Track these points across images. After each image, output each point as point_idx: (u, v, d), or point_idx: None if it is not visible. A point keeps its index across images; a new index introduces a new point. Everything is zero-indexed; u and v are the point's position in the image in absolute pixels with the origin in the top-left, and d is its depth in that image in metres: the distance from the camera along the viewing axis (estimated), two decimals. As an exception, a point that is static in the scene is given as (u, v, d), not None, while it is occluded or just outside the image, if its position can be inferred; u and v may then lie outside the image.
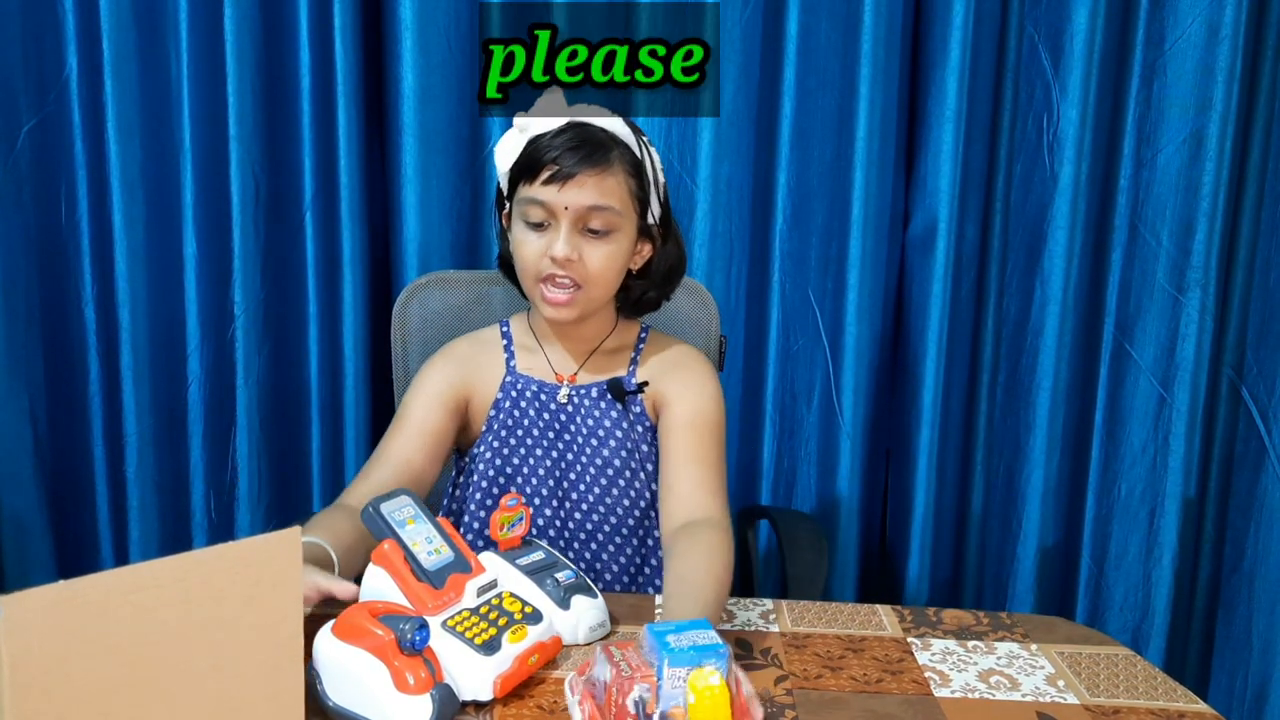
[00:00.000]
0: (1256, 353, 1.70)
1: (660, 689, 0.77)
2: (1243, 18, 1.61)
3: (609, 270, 1.19)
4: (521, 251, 1.18)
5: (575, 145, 1.14)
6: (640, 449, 1.26)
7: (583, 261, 1.16)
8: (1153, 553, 1.79)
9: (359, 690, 0.84)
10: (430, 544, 0.97)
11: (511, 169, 1.19)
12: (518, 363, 1.28)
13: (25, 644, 0.55)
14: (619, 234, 1.18)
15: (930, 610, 1.13)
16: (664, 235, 1.26)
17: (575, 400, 1.26)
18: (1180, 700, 0.95)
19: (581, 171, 1.14)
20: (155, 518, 1.84)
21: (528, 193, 1.16)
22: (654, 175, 1.22)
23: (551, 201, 1.14)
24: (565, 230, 1.15)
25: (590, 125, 1.17)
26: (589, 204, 1.15)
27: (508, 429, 1.26)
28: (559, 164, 1.13)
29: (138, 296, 1.77)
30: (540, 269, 1.17)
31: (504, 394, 1.27)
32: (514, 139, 1.19)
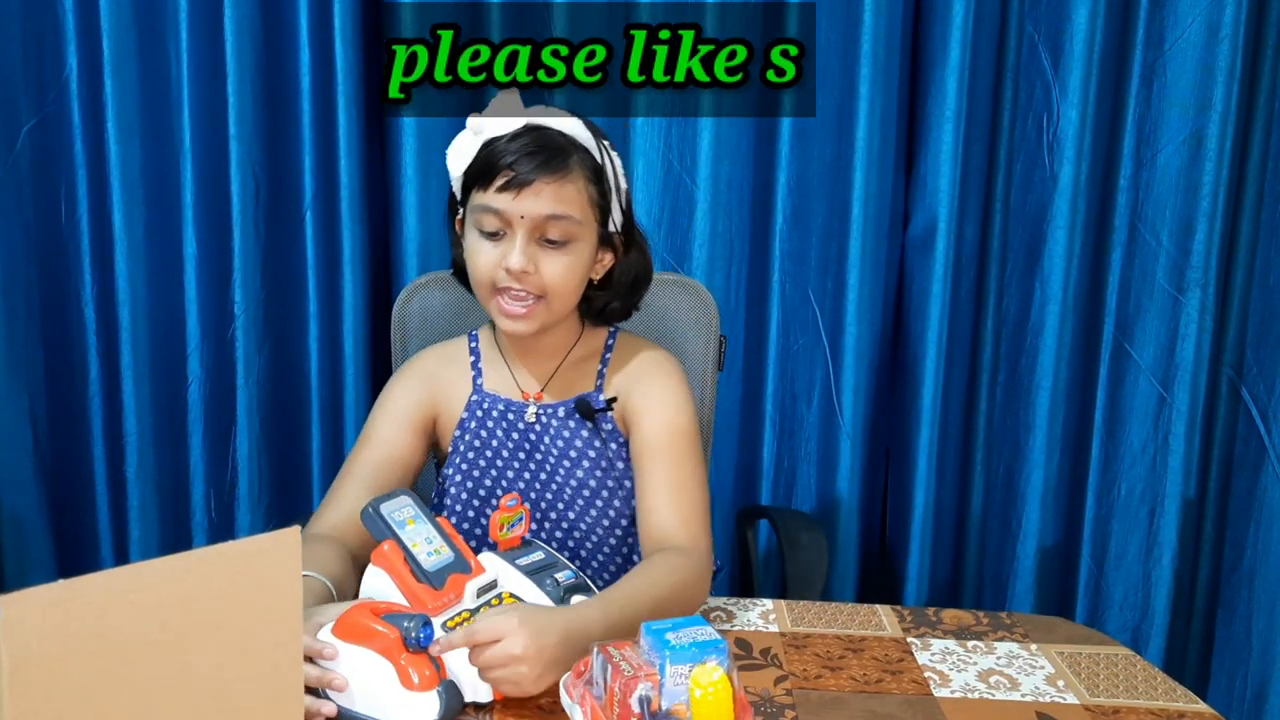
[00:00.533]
0: (1256, 352, 1.70)
1: (663, 686, 0.78)
2: (1242, 17, 1.61)
3: (568, 282, 1.13)
4: (475, 261, 1.12)
5: (532, 150, 1.08)
6: (616, 466, 1.21)
7: (539, 273, 1.10)
8: (1152, 553, 1.79)
9: (364, 689, 0.84)
10: (430, 544, 0.97)
11: (465, 173, 1.13)
12: (485, 380, 1.24)
13: (25, 644, 0.55)
14: (578, 243, 1.12)
15: (930, 610, 1.13)
16: (626, 243, 1.20)
17: (544, 419, 1.21)
18: (1180, 700, 0.95)
19: (538, 178, 1.08)
20: (155, 517, 1.84)
21: (481, 199, 1.10)
22: (615, 181, 1.16)
23: (506, 210, 1.09)
24: (521, 240, 1.09)
25: (548, 129, 1.11)
26: (546, 213, 1.09)
27: (475, 450, 1.22)
28: (515, 170, 1.07)
29: (138, 296, 1.77)
30: (495, 280, 1.11)
31: (469, 414, 1.22)
32: (467, 141, 1.13)
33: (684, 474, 1.16)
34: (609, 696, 0.80)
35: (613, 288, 1.21)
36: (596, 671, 0.82)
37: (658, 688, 0.78)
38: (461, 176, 1.15)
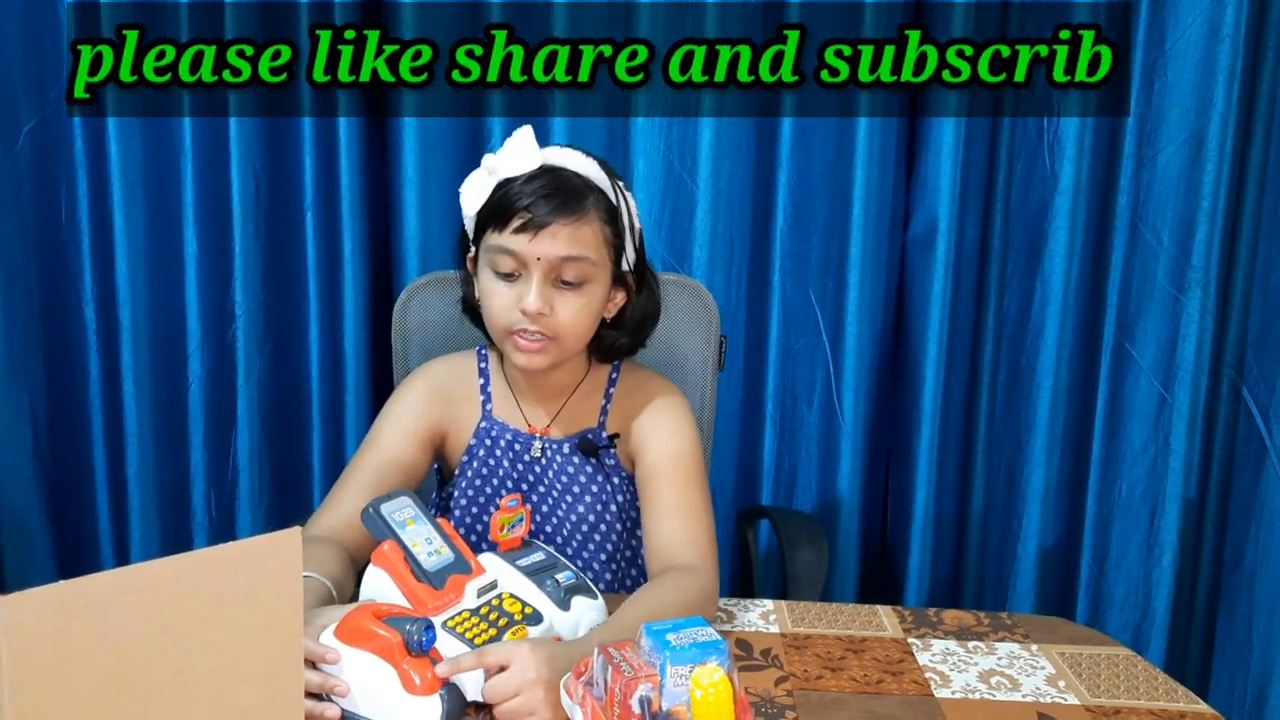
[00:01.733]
0: (1257, 352, 1.70)
1: (663, 687, 0.78)
2: (1243, 18, 1.61)
3: (582, 323, 1.13)
4: (491, 303, 1.12)
5: (549, 192, 1.08)
6: (616, 500, 1.22)
7: (554, 314, 1.10)
8: (1153, 553, 1.79)
9: (366, 693, 0.84)
10: (430, 545, 0.97)
11: (479, 213, 1.13)
12: (494, 406, 1.24)
13: (25, 644, 0.55)
14: (592, 284, 1.12)
15: (931, 611, 1.13)
16: (638, 283, 1.20)
17: (548, 455, 1.22)
18: (1181, 700, 0.95)
19: (555, 221, 1.07)
20: (155, 518, 1.84)
21: (497, 240, 1.09)
22: (629, 221, 1.16)
23: (523, 251, 1.08)
24: (537, 282, 1.08)
25: (564, 170, 1.11)
26: (562, 255, 1.08)
27: (482, 478, 1.23)
28: (531, 212, 1.07)
29: (138, 296, 1.77)
30: (511, 322, 1.11)
31: (478, 440, 1.23)
32: (482, 180, 1.13)
33: (689, 496, 1.16)
34: (609, 697, 0.80)
35: (623, 326, 1.21)
36: (597, 672, 0.83)
37: (658, 688, 0.78)
38: (475, 216, 1.14)
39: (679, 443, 1.19)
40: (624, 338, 1.22)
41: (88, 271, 1.79)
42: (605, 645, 0.84)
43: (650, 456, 1.19)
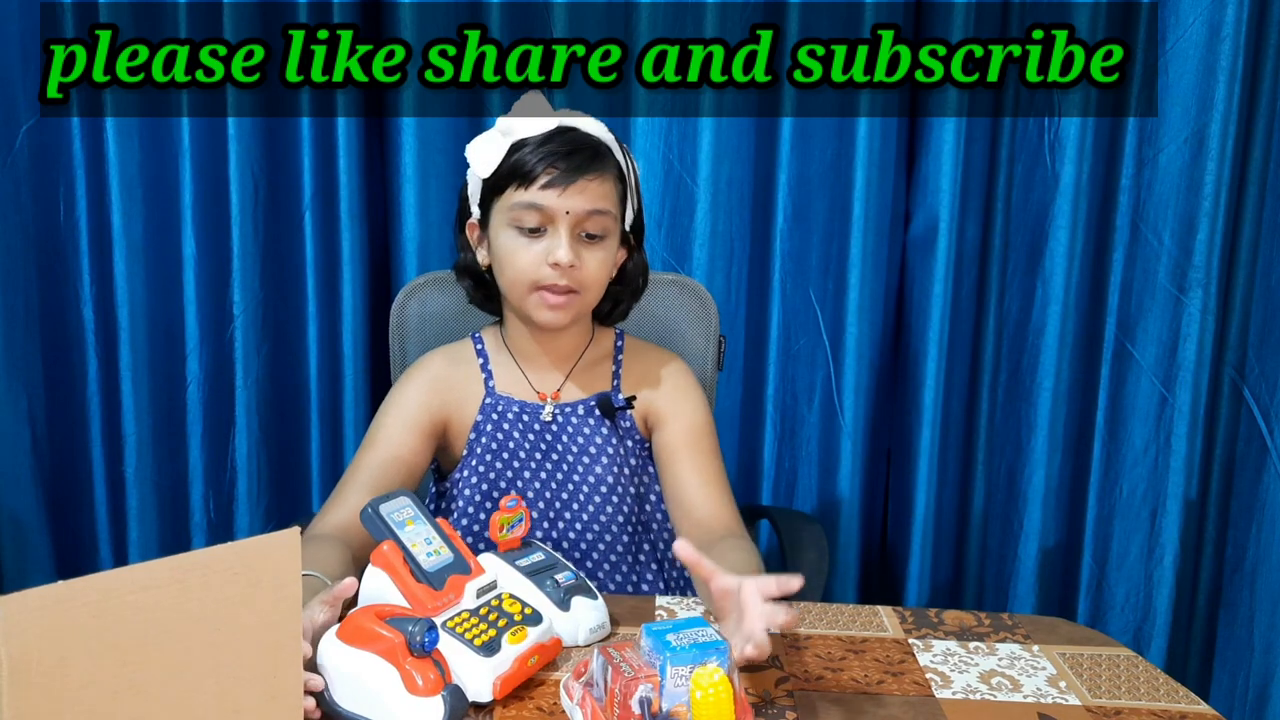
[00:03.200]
0: (1258, 352, 1.70)
1: (663, 688, 0.78)
2: (1244, 17, 1.61)
3: (603, 275, 1.18)
4: (516, 260, 1.14)
5: (572, 150, 1.12)
6: (629, 463, 1.24)
7: (582, 267, 1.14)
8: (1154, 553, 1.79)
9: (368, 694, 0.84)
10: (429, 545, 0.97)
11: (495, 174, 1.15)
12: (496, 382, 1.25)
13: (24, 644, 0.54)
14: (610, 239, 1.17)
15: (931, 611, 1.13)
16: (638, 240, 1.25)
17: (561, 418, 1.23)
18: (1182, 701, 0.94)
19: (581, 176, 1.12)
20: (154, 518, 1.84)
21: (523, 197, 1.12)
22: (634, 181, 1.21)
23: (551, 206, 1.12)
24: (565, 236, 1.12)
25: (579, 129, 1.15)
26: (589, 208, 1.13)
27: (492, 452, 1.23)
28: (558, 168, 1.11)
29: (136, 296, 1.77)
30: (539, 277, 1.14)
31: (484, 416, 1.23)
32: (495, 142, 1.15)
33: (718, 467, 1.23)
34: (609, 698, 0.79)
35: (625, 284, 1.25)
36: (596, 672, 0.82)
37: (658, 689, 0.77)
38: (489, 177, 1.16)
39: (700, 415, 1.25)
40: (624, 297, 1.26)
41: (86, 272, 1.79)
42: (605, 647, 0.83)
43: (675, 429, 1.23)
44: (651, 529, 1.28)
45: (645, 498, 1.27)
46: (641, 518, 1.27)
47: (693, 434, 1.23)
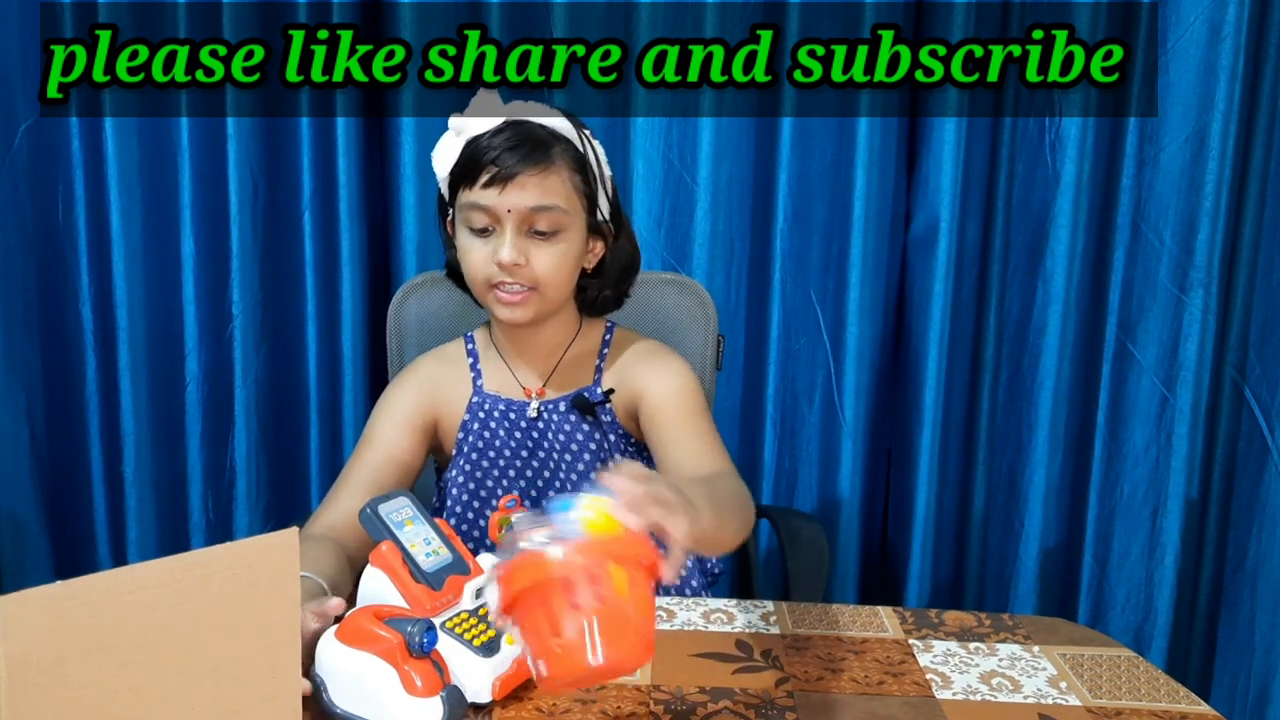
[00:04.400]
0: (1259, 352, 1.70)
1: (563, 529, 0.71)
2: (1245, 16, 1.61)
3: (559, 271, 1.14)
4: (468, 260, 1.14)
5: (514, 144, 1.09)
6: (613, 458, 1.22)
7: (530, 265, 1.11)
8: (1155, 553, 1.79)
9: (367, 695, 0.83)
10: (428, 545, 0.97)
11: (450, 174, 1.14)
12: (485, 381, 1.24)
13: (23, 644, 0.54)
14: (567, 233, 1.14)
15: (932, 612, 1.12)
16: (615, 231, 1.21)
17: (545, 415, 1.22)
18: (1183, 702, 0.94)
19: (522, 172, 1.09)
20: (153, 518, 1.83)
21: (469, 197, 1.11)
22: (599, 170, 1.17)
23: (493, 205, 1.10)
24: (510, 234, 1.10)
25: (528, 123, 1.13)
26: (532, 205, 1.10)
27: (478, 451, 1.22)
28: (498, 165, 1.09)
29: (135, 296, 1.77)
30: (489, 276, 1.13)
31: (471, 415, 1.23)
32: (450, 142, 1.15)
33: (706, 426, 1.18)
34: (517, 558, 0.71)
35: (604, 275, 1.22)
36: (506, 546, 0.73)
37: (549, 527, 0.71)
38: (447, 177, 1.15)
39: (678, 380, 1.20)
40: (607, 288, 1.23)
41: (85, 271, 1.79)
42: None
43: (653, 399, 1.19)
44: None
45: None
46: None
47: (669, 398, 1.19)
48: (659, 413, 1.18)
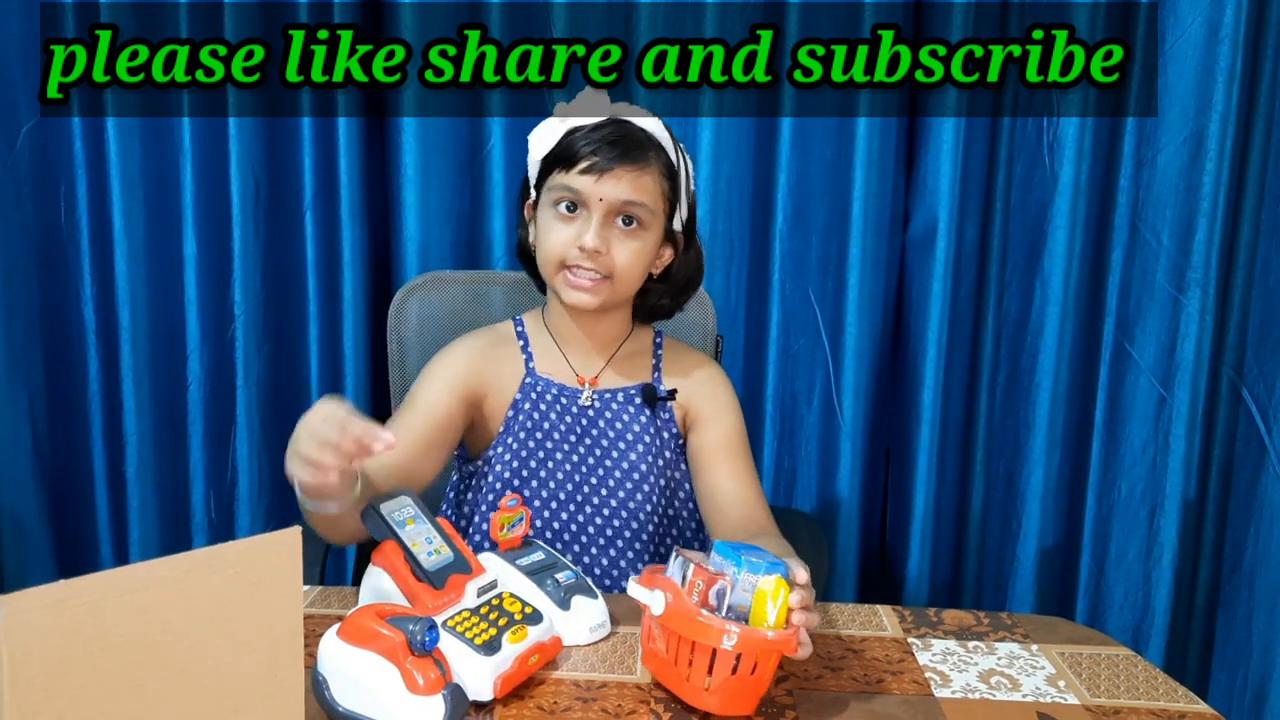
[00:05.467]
0: (1257, 352, 1.70)
1: (735, 587, 0.88)
2: (1243, 17, 1.61)
3: (635, 266, 1.19)
4: (549, 238, 1.18)
5: (615, 140, 1.15)
6: (664, 455, 1.26)
7: (610, 255, 1.16)
8: (1153, 552, 1.79)
9: (369, 693, 0.84)
10: (430, 544, 0.97)
11: (547, 156, 1.19)
12: (537, 364, 1.27)
13: (25, 643, 0.54)
14: (647, 232, 1.19)
15: (931, 610, 1.13)
16: (687, 243, 1.26)
17: (599, 404, 1.25)
18: (1180, 700, 0.95)
19: (619, 166, 1.14)
20: (155, 518, 1.84)
21: (563, 180, 1.16)
22: (686, 182, 1.23)
23: (586, 191, 1.15)
24: (596, 222, 1.15)
25: (630, 123, 1.18)
26: (624, 198, 1.15)
27: (527, 431, 1.24)
28: (597, 155, 1.14)
29: (137, 296, 1.77)
30: (566, 257, 1.17)
31: (523, 395, 1.25)
32: (553, 127, 1.20)
33: (754, 472, 1.27)
34: (689, 587, 0.89)
35: (669, 283, 1.27)
36: (675, 570, 0.91)
37: (730, 588, 0.88)
38: (541, 159, 1.20)
39: (738, 421, 1.28)
40: (667, 296, 1.28)
41: (87, 271, 1.79)
42: (682, 549, 0.93)
43: (716, 432, 1.26)
44: (678, 524, 1.29)
45: (675, 493, 1.28)
46: (669, 512, 1.28)
47: (730, 440, 1.26)
48: (718, 452, 1.25)
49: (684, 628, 0.87)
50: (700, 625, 0.86)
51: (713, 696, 0.88)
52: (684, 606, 0.88)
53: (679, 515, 1.29)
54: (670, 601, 0.88)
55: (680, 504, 1.29)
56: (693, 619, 0.87)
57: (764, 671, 0.88)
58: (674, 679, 0.90)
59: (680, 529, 1.30)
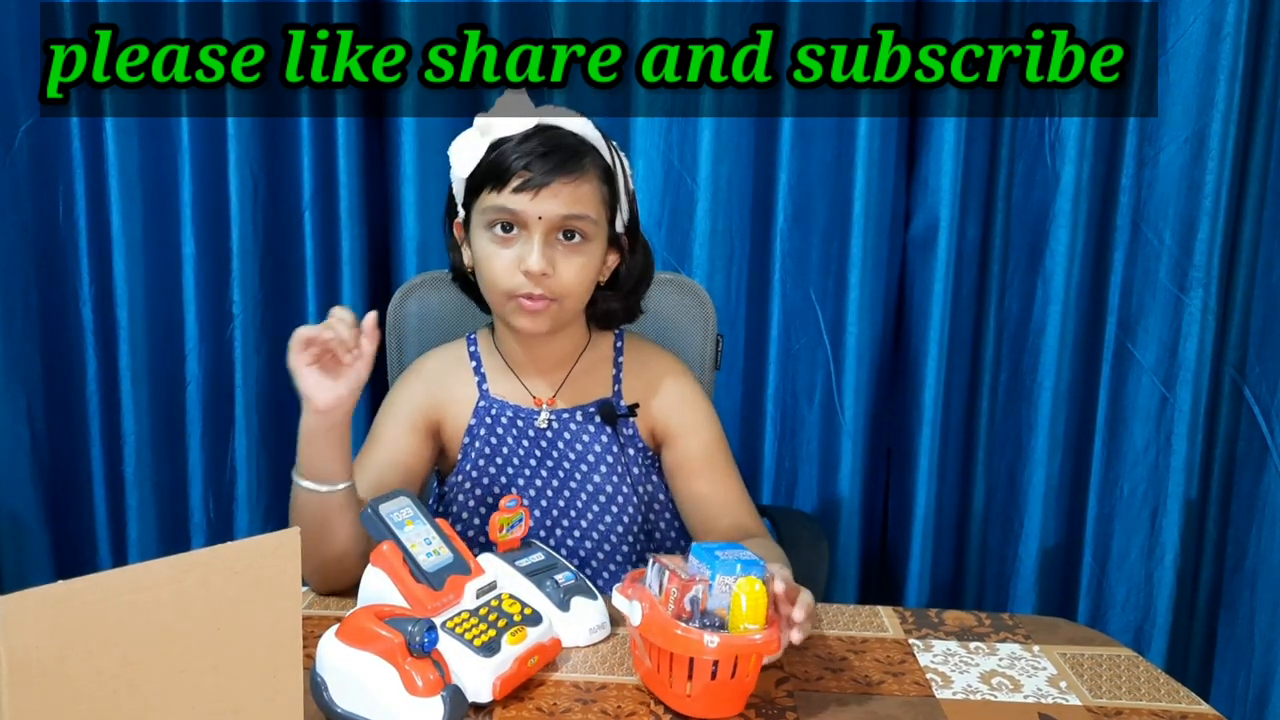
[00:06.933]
0: (1259, 352, 1.70)
1: (711, 590, 0.88)
2: (1244, 16, 1.61)
3: (583, 282, 1.13)
4: (491, 265, 1.11)
5: (548, 150, 1.07)
6: (631, 471, 1.21)
7: (557, 274, 1.09)
8: (1154, 553, 1.79)
9: (367, 694, 0.83)
10: (429, 545, 0.97)
11: (473, 175, 1.11)
12: (490, 386, 1.22)
13: (24, 644, 0.54)
14: (592, 244, 1.12)
15: (932, 611, 1.13)
16: (632, 244, 1.20)
17: (556, 425, 1.20)
18: (1182, 701, 0.94)
19: (556, 180, 1.07)
20: (153, 518, 1.84)
21: (496, 200, 1.08)
22: (625, 181, 1.16)
23: (523, 210, 1.07)
24: (538, 242, 1.08)
25: (560, 129, 1.10)
26: (563, 213, 1.08)
27: (485, 457, 1.21)
28: (531, 170, 1.06)
29: (136, 296, 1.77)
30: (513, 285, 1.10)
31: (477, 419, 1.21)
32: (474, 141, 1.11)
33: (735, 477, 1.23)
34: (665, 595, 0.89)
35: (617, 288, 1.21)
36: (652, 578, 0.91)
37: (706, 593, 0.88)
38: (467, 178, 1.12)
39: (712, 427, 1.23)
40: (616, 301, 1.21)
41: (85, 271, 1.79)
42: (659, 556, 0.92)
43: (692, 445, 1.21)
44: (655, 537, 1.27)
45: (650, 505, 1.25)
46: (645, 526, 1.25)
47: (709, 450, 1.22)
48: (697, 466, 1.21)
49: (659, 638, 0.87)
50: (675, 636, 0.86)
51: (696, 702, 0.88)
52: (659, 617, 0.88)
53: (655, 527, 1.27)
54: (647, 612, 0.89)
55: (656, 515, 1.26)
56: (668, 630, 0.87)
57: (745, 672, 0.88)
58: (659, 685, 0.91)
59: (659, 539, 1.27)
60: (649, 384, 1.23)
